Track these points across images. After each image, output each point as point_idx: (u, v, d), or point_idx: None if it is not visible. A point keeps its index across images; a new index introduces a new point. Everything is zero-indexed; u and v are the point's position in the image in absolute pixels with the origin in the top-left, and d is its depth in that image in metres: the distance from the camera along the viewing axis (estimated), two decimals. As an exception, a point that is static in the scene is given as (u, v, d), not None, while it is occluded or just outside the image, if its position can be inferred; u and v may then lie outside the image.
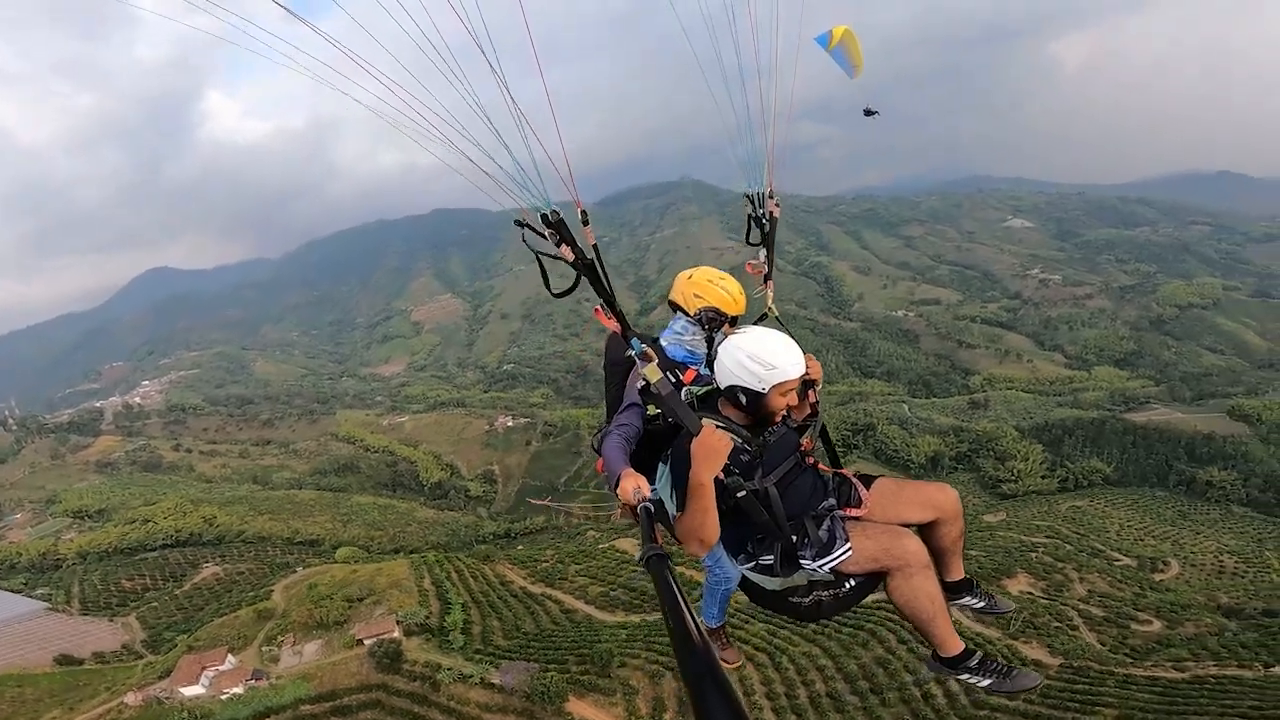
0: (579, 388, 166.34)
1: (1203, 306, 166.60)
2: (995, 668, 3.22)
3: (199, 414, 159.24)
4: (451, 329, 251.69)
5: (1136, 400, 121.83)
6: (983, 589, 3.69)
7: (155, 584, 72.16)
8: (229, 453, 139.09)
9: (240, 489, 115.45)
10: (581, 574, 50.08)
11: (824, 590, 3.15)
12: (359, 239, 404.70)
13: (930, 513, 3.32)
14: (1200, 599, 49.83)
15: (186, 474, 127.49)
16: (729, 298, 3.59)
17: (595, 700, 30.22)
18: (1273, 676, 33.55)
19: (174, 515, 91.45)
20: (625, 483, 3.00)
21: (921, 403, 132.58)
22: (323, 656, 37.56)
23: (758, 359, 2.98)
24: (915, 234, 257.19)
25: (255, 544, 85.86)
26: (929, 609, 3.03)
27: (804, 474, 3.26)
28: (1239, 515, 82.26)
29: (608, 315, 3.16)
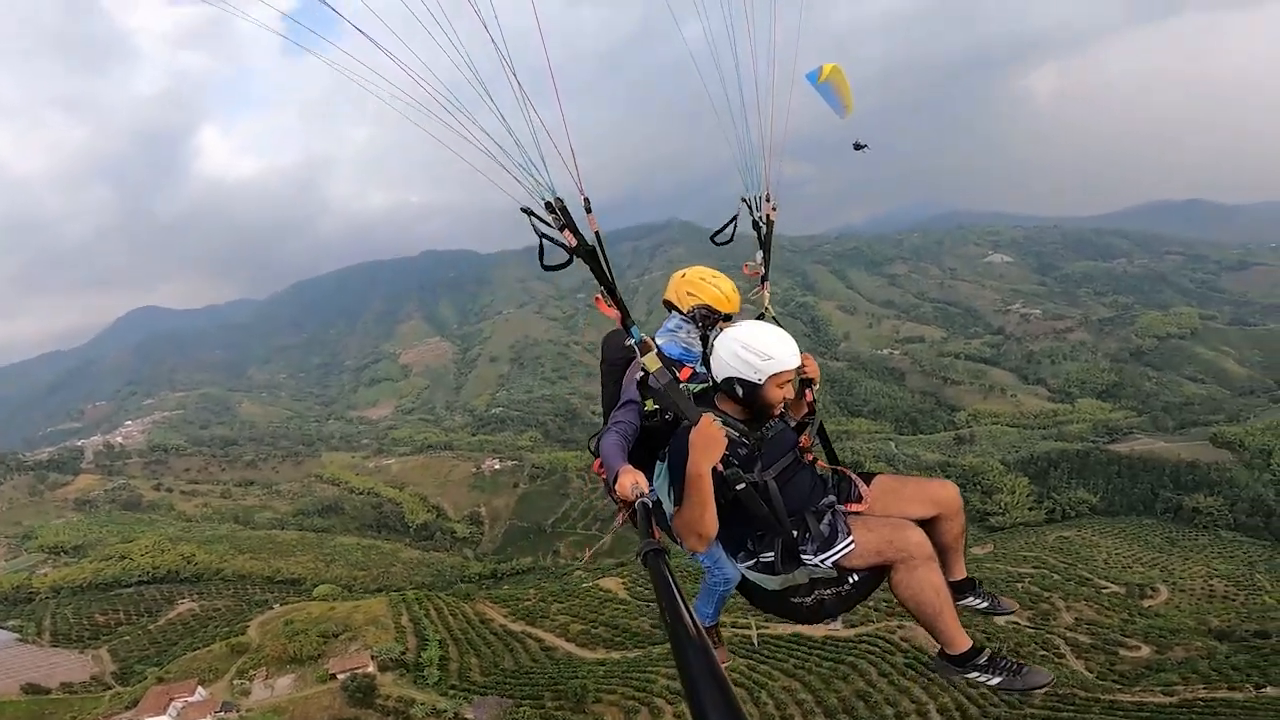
0: (567, 430, 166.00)
1: (1181, 336, 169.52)
2: (1005, 665, 3.10)
3: (181, 454, 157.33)
4: (440, 372, 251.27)
5: (1120, 431, 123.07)
6: (985, 589, 3.62)
7: (129, 618, 70.91)
8: (210, 493, 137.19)
9: (221, 528, 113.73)
10: (563, 612, 49.43)
11: (826, 588, 3.11)
12: (348, 280, 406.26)
13: (931, 508, 3.29)
14: (1190, 623, 49.92)
15: (166, 513, 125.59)
16: (721, 295, 3.62)
17: None
18: (1264, 698, 33.43)
19: (151, 552, 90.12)
20: (623, 478, 2.98)
21: (908, 439, 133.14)
22: (295, 690, 36.81)
23: (754, 350, 2.99)
24: (899, 272, 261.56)
25: (234, 582, 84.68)
26: (935, 602, 2.95)
27: (803, 470, 3.25)
28: (1228, 540, 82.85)
29: (609, 304, 3.15)
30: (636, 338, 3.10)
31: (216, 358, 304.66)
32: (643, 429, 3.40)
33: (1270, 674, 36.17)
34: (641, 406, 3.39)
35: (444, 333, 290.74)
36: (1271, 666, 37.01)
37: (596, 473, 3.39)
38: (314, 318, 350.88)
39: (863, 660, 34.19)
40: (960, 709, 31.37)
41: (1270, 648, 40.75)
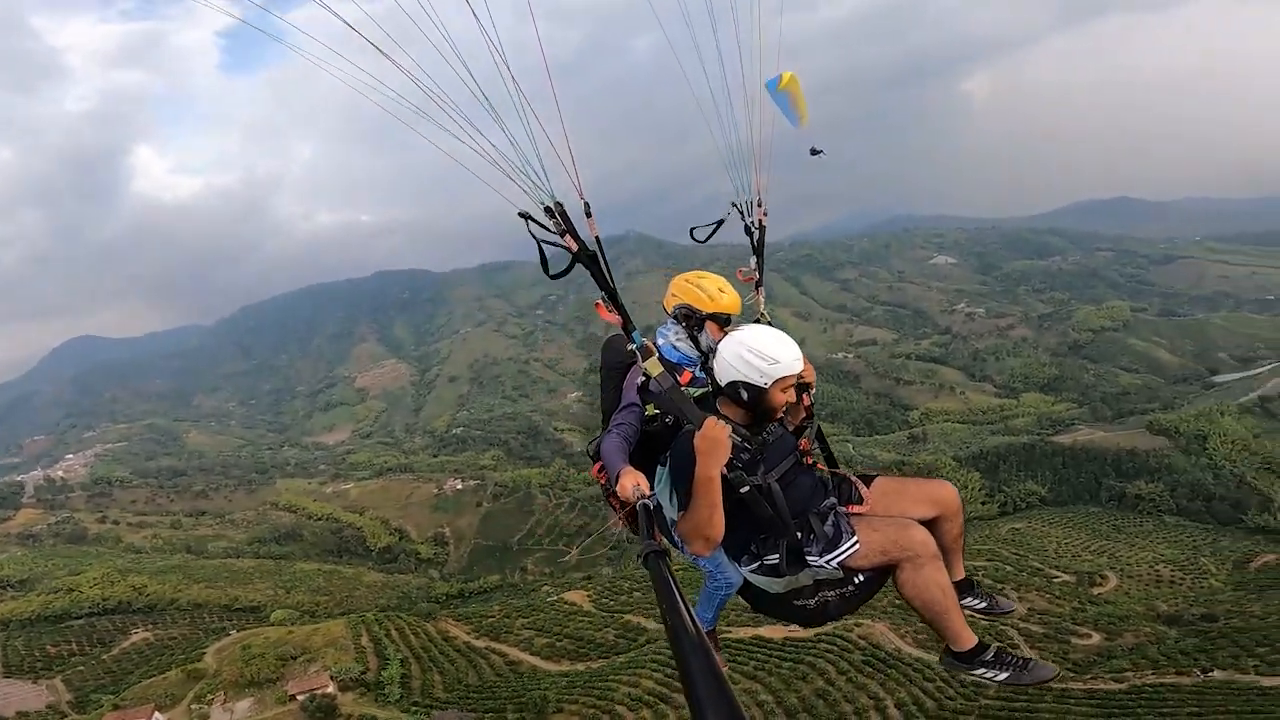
0: (530, 448, 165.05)
1: (1114, 329, 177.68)
2: (1011, 661, 3.13)
3: (126, 486, 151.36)
4: (397, 394, 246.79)
5: (1063, 423, 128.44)
6: (984, 589, 3.67)
7: (82, 649, 69.22)
8: (159, 524, 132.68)
9: (173, 559, 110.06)
10: (528, 627, 49.57)
11: (830, 590, 3.12)
12: (297, 303, 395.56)
13: (932, 509, 3.31)
14: (1139, 609, 51.76)
15: (114, 545, 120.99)
16: (703, 295, 3.60)
17: None
18: (1212, 682, 34.75)
19: (100, 584, 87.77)
20: (625, 480, 2.99)
21: (864, 440, 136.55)
22: (254, 714, 36.20)
23: (760, 354, 3.01)
24: (850, 276, 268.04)
25: (189, 611, 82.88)
26: (941, 600, 2.98)
27: (804, 473, 3.26)
28: (1171, 525, 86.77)
29: (609, 309, 3.18)
30: (638, 343, 3.16)
31: (160, 387, 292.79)
32: (643, 433, 3.41)
33: (1217, 657, 37.60)
34: (642, 410, 3.40)
35: (400, 354, 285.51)
36: (1218, 650, 38.49)
37: (595, 477, 3.45)
38: (263, 343, 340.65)
39: (821, 660, 35.21)
40: (916, 703, 32.60)
41: (1217, 631, 42.19)
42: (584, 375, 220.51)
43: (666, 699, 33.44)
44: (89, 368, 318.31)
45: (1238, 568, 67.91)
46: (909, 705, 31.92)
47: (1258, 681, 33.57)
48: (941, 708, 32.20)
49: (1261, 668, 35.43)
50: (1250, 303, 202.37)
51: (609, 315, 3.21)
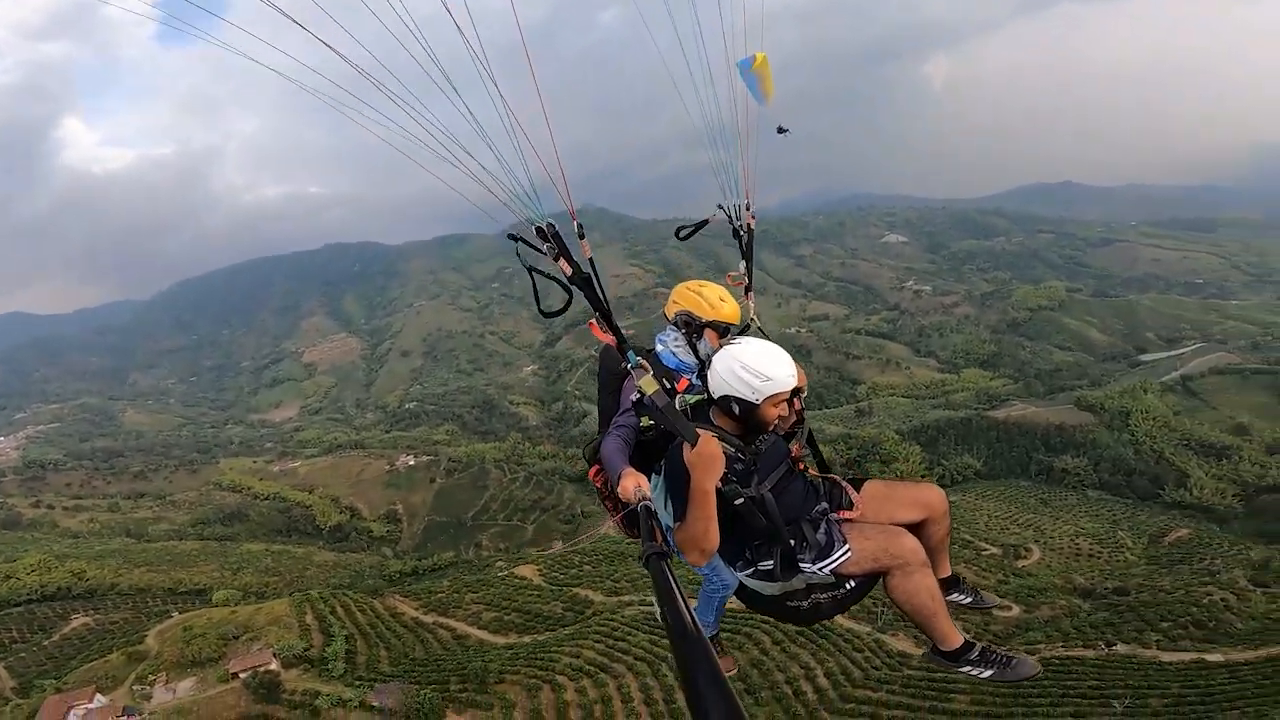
0: (485, 422, 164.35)
1: (1050, 308, 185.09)
2: (996, 659, 3.25)
3: (60, 469, 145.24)
4: (348, 369, 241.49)
5: (999, 398, 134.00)
6: (969, 585, 3.83)
7: (23, 636, 67.42)
8: (96, 507, 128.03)
9: (112, 543, 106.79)
10: (477, 601, 50.35)
11: (822, 593, 3.19)
12: (241, 276, 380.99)
13: (920, 512, 3.40)
14: (1058, 582, 54.29)
15: (49, 530, 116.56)
16: (704, 303, 3.64)
17: (473, 715, 31.13)
18: (1115, 656, 36.78)
19: (37, 571, 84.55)
20: (625, 481, 3.03)
21: (814, 414, 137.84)
22: (197, 692, 36.29)
23: (752, 370, 3.03)
24: (805, 253, 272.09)
25: (132, 595, 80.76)
26: (930, 605, 3.06)
27: (796, 480, 3.30)
28: (1094, 499, 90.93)
29: (603, 329, 3.21)
30: (633, 362, 3.20)
31: (94, 364, 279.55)
32: (638, 442, 3.46)
33: (1123, 631, 39.80)
34: (638, 419, 3.44)
35: (350, 328, 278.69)
36: (1125, 624, 40.71)
37: (592, 480, 3.50)
38: (203, 318, 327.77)
39: (758, 630, 36.82)
40: (845, 672, 34.53)
41: (1127, 605, 44.48)
42: (539, 349, 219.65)
43: (606, 669, 34.80)
44: (18, 346, 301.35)
45: (1153, 542, 71.60)
46: (837, 674, 33.86)
47: (1157, 656, 35.95)
48: (868, 677, 34.23)
49: (1164, 642, 37.79)
50: (1179, 285, 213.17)
51: (604, 336, 3.25)
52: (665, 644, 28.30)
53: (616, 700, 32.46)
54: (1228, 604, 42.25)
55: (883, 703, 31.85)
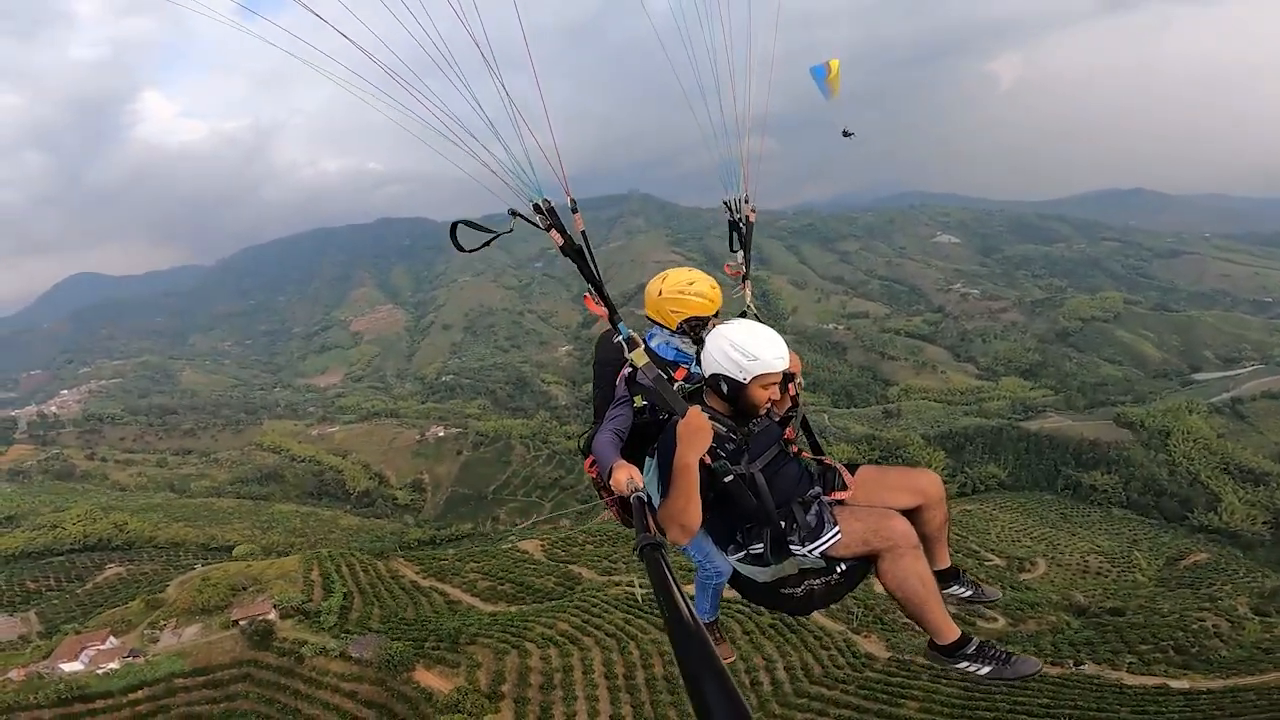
0: (516, 398, 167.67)
1: (1104, 319, 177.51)
2: (994, 654, 3.16)
3: (116, 423, 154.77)
4: (392, 340, 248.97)
5: (1035, 409, 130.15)
6: (969, 577, 3.71)
7: (59, 584, 72.49)
8: (146, 462, 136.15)
9: (155, 497, 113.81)
10: (476, 570, 52.37)
11: (815, 579, 3.14)
12: (298, 247, 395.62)
13: (914, 498, 3.34)
14: (1055, 597, 53.46)
15: (100, 482, 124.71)
16: (704, 300, 3.61)
17: (440, 671, 32.81)
18: (1078, 675, 36.11)
19: (83, 521, 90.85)
20: (618, 474, 3.02)
21: (841, 412, 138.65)
22: (200, 637, 39.19)
23: (741, 349, 3.04)
24: (851, 249, 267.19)
25: (166, 549, 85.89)
26: (920, 591, 3.00)
27: (789, 462, 3.28)
28: (1118, 517, 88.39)
29: (596, 302, 3.23)
30: (624, 334, 3.23)
31: (157, 325, 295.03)
32: (635, 427, 3.44)
33: (1099, 651, 39.03)
34: (633, 403, 3.43)
35: (397, 300, 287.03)
36: (1106, 644, 39.88)
37: (588, 471, 3.51)
38: (261, 284, 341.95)
39: (731, 620, 37.48)
40: (804, 667, 34.98)
41: (1118, 625, 43.46)
42: (577, 329, 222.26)
43: (575, 640, 36.19)
44: (88, 304, 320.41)
45: (1169, 564, 69.72)
46: (797, 670, 34.39)
47: (1122, 679, 35.26)
48: (827, 674, 34.63)
49: (1136, 666, 37.05)
50: (1246, 303, 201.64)
51: (596, 308, 3.27)
52: (639, 623, 29.51)
53: (578, 670, 33.82)
54: (1218, 631, 41.16)
55: (834, 701, 32.26)
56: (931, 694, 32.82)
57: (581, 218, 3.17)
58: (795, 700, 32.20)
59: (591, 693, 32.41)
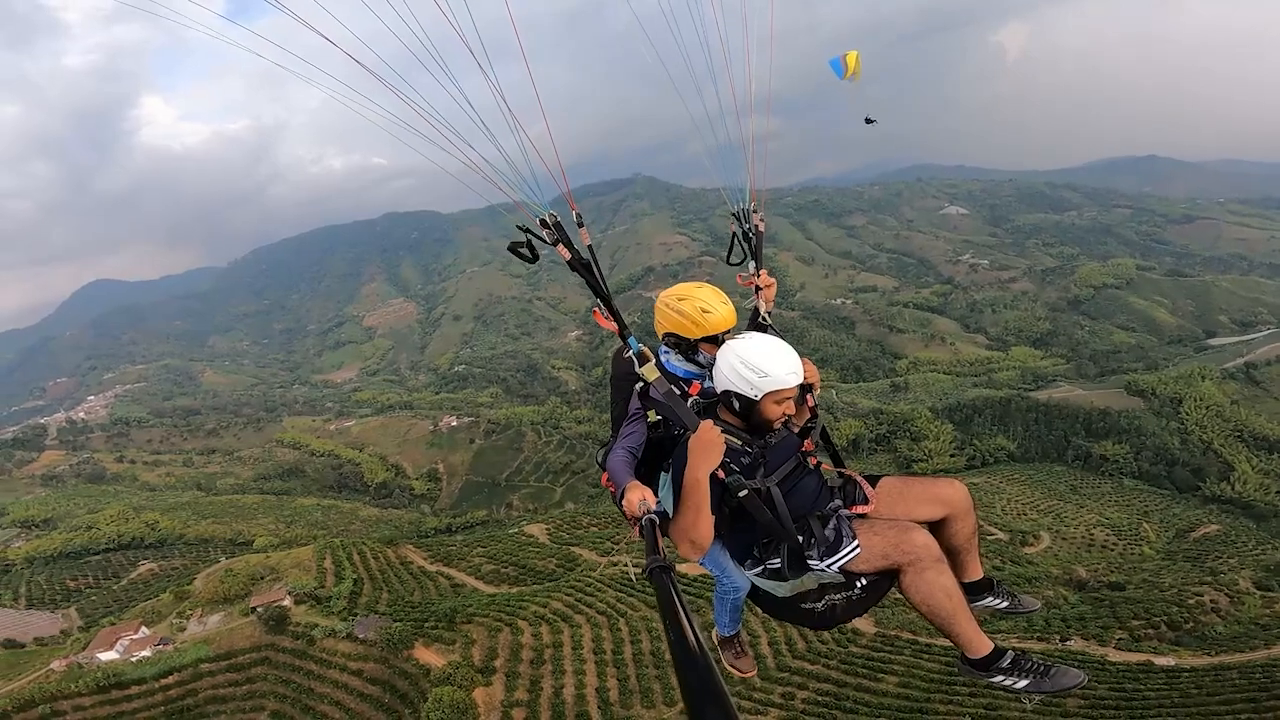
0: (527, 385, 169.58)
1: (1116, 286, 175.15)
2: (1031, 667, 3.01)
3: (143, 426, 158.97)
4: (404, 332, 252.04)
5: (1045, 378, 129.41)
6: (1006, 588, 3.54)
7: (97, 582, 76.42)
8: (173, 462, 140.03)
9: (183, 496, 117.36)
10: (483, 555, 54.34)
11: (835, 593, 3.05)
12: (308, 244, 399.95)
13: (940, 509, 3.24)
14: (1056, 571, 53.60)
15: (130, 484, 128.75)
16: (686, 322, 3.48)
17: (438, 649, 34.67)
18: (1063, 651, 36.14)
19: (117, 521, 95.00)
20: (630, 495, 2.98)
21: (849, 387, 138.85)
22: (223, 625, 41.64)
23: (751, 366, 2.99)
24: (857, 223, 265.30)
25: (196, 545, 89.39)
26: (947, 605, 2.88)
27: (807, 475, 3.21)
28: (1129, 488, 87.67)
29: (605, 316, 3.20)
30: (635, 348, 3.17)
31: (176, 328, 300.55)
32: (650, 443, 3.41)
33: (1090, 626, 39.01)
34: (646, 418, 3.39)
35: (407, 293, 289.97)
36: (1098, 619, 39.84)
37: (605, 485, 3.41)
38: (275, 283, 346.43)
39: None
40: (789, 643, 36.15)
41: (1114, 600, 43.21)
42: (585, 314, 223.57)
43: (567, 619, 37.99)
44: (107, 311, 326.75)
45: (1179, 536, 69.05)
46: (780, 644, 35.64)
47: (1107, 655, 35.60)
48: (810, 649, 35.77)
49: (1125, 642, 37.19)
50: (1263, 266, 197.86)
51: (605, 322, 3.24)
52: (631, 600, 30.92)
53: (568, 646, 35.57)
54: (1216, 606, 41.21)
55: (814, 675, 33.46)
56: (912, 669, 33.84)
57: (588, 232, 3.20)
58: (776, 674, 33.50)
59: (579, 667, 34.20)
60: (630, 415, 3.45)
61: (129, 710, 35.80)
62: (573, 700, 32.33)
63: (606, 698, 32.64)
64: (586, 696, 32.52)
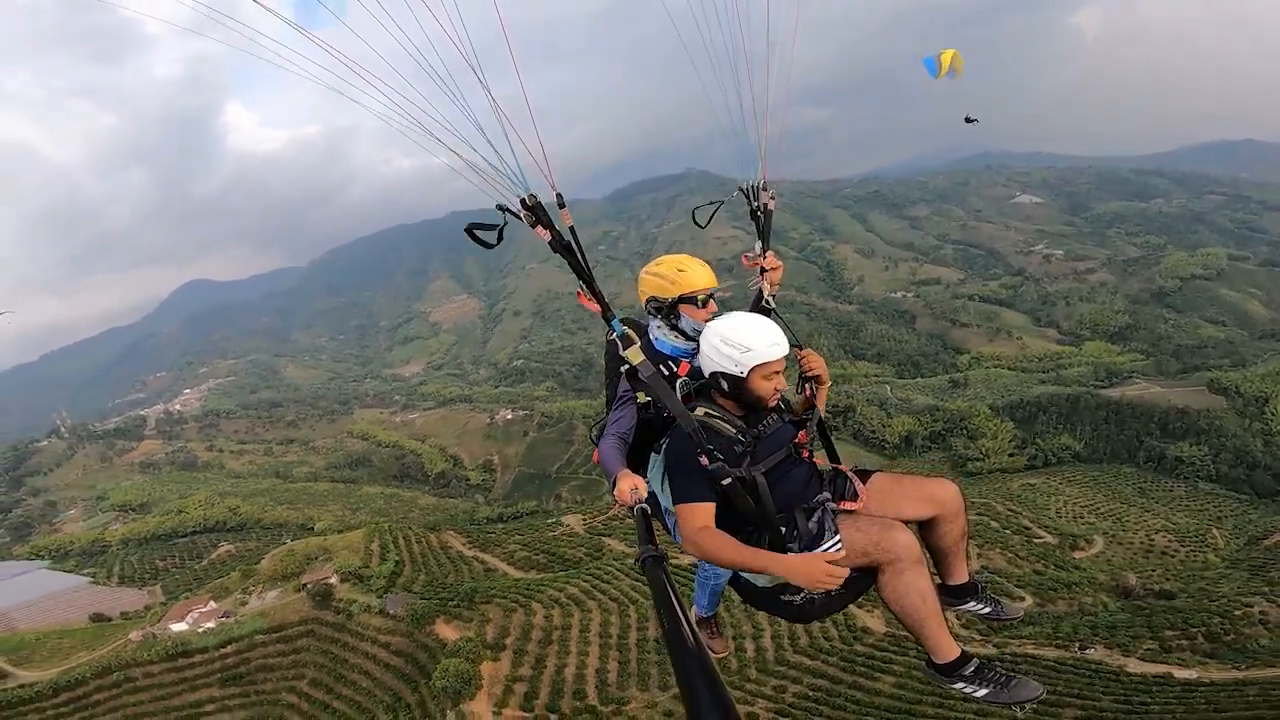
0: (582, 380, 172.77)
1: (1206, 277, 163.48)
2: (993, 677, 2.98)
3: (231, 417, 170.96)
4: (468, 328, 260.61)
5: (1120, 375, 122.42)
6: (989, 593, 3.52)
7: (182, 562, 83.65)
8: (255, 451, 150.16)
9: (263, 483, 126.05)
10: (518, 542, 56.79)
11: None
12: (379, 243, 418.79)
13: (930, 508, 3.20)
14: (1103, 578, 51.29)
15: (218, 471, 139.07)
16: (663, 281, 3.50)
17: (456, 625, 37.05)
18: (1078, 660, 34.83)
19: (204, 506, 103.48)
20: (622, 484, 3.00)
21: (904, 383, 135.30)
22: (279, 600, 45.57)
23: (732, 342, 2.97)
24: (921, 214, 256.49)
25: (272, 529, 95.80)
26: (920, 608, 2.87)
27: (797, 466, 3.17)
28: (1204, 492, 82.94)
29: (588, 297, 3.24)
30: (618, 331, 3.19)
31: (263, 325, 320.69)
32: (641, 422, 3.40)
33: (1119, 634, 37.35)
34: (636, 400, 3.38)
35: (471, 290, 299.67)
36: (1133, 627, 38.18)
37: (597, 463, 3.42)
38: (349, 281, 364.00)
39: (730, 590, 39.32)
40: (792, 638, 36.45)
41: (1158, 608, 41.46)
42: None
43: (580, 603, 39.88)
44: (201, 309, 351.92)
45: (1250, 543, 64.65)
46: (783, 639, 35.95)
47: (1125, 665, 34.18)
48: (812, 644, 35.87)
49: (1153, 652, 35.50)
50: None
51: (589, 303, 3.25)
52: (643, 589, 32.32)
53: (576, 629, 37.34)
54: (1265, 618, 38.79)
55: (811, 670, 33.74)
56: (911, 670, 33.34)
57: (569, 213, 3.16)
58: (774, 668, 34.04)
59: (584, 649, 36.01)
60: (619, 398, 3.46)
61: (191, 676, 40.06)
62: (572, 679, 34.20)
63: (605, 679, 34.29)
64: (586, 676, 34.32)
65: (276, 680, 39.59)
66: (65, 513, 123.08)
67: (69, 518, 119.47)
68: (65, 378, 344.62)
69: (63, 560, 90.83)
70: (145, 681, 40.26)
